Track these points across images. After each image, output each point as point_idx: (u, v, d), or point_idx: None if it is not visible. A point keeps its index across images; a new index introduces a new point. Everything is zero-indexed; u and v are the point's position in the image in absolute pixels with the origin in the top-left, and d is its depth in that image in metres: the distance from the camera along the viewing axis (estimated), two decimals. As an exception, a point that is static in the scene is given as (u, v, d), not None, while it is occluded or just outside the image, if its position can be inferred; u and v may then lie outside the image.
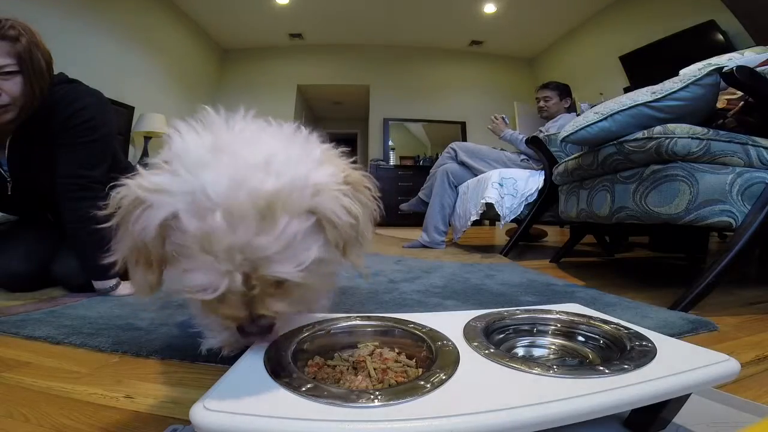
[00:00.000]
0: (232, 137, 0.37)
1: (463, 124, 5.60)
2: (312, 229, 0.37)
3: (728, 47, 2.87)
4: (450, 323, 0.47)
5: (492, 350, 0.40)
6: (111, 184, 0.39)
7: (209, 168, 0.34)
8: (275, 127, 0.42)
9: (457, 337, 0.43)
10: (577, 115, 1.62)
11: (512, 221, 1.98)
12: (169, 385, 0.52)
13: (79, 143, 1.01)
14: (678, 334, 0.72)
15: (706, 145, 0.88)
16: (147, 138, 3.78)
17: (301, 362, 0.41)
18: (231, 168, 0.34)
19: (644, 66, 3.79)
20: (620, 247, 2.28)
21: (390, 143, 5.61)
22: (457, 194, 2.29)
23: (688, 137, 0.88)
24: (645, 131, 0.96)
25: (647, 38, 3.72)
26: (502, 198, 1.90)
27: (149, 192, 0.35)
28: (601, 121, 1.06)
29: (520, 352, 0.49)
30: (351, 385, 0.38)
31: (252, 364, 0.37)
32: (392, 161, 5.59)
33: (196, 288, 0.34)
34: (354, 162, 0.47)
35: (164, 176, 0.35)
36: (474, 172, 2.24)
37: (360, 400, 0.30)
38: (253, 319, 0.39)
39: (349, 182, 0.42)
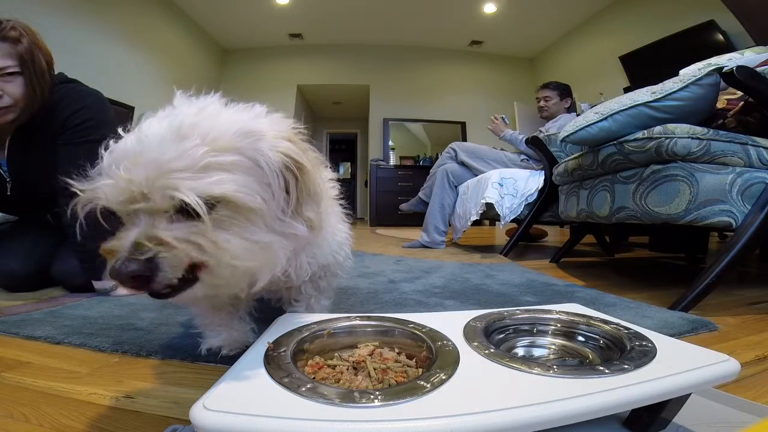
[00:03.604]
0: (186, 106, 0.40)
1: (463, 124, 5.60)
2: (234, 167, 0.36)
3: (728, 47, 2.87)
4: (450, 323, 0.47)
5: (492, 350, 0.40)
6: None
7: (153, 119, 0.38)
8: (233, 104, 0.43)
9: (457, 337, 0.43)
10: (577, 115, 1.62)
11: (512, 221, 1.98)
12: (169, 385, 0.52)
13: (78, 143, 1.01)
14: (678, 334, 0.72)
15: (706, 145, 0.88)
16: (147, 138, 3.78)
17: (301, 362, 0.41)
18: (168, 114, 0.38)
19: (644, 66, 3.79)
20: (620, 247, 2.28)
21: (390, 143, 5.62)
22: (457, 194, 2.29)
23: (688, 137, 0.88)
24: (645, 131, 0.95)
25: (647, 38, 3.72)
26: (502, 198, 1.90)
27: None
28: (601, 121, 1.06)
29: (520, 352, 0.49)
30: (351, 385, 0.38)
31: (252, 364, 0.37)
32: (392, 161, 5.59)
33: (91, 199, 0.36)
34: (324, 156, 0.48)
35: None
36: (474, 172, 2.24)
37: (360, 400, 0.30)
38: (132, 252, 0.33)
39: (290, 140, 0.42)
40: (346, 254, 0.63)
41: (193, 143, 0.34)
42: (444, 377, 0.34)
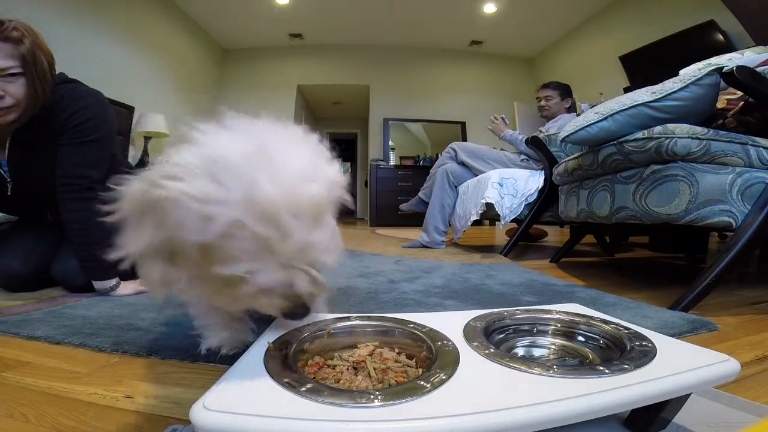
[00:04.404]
0: (262, 142, 0.38)
1: (463, 124, 5.60)
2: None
3: (728, 47, 2.87)
4: (450, 323, 0.47)
5: (492, 350, 0.40)
6: (115, 179, 0.38)
7: (257, 176, 0.35)
8: (287, 127, 0.44)
9: (457, 337, 0.43)
10: (577, 115, 1.62)
11: (512, 221, 1.98)
12: (169, 385, 0.52)
13: (78, 143, 1.01)
14: (678, 334, 0.72)
15: (706, 145, 0.88)
16: (147, 138, 3.78)
17: (301, 362, 0.41)
18: (278, 175, 0.36)
19: (644, 66, 3.79)
20: (620, 247, 2.28)
21: (390, 143, 5.61)
22: (457, 194, 2.29)
23: (688, 137, 0.88)
24: (645, 131, 0.96)
25: (647, 38, 3.72)
26: (502, 198, 1.90)
27: (198, 201, 0.34)
28: (601, 121, 1.06)
29: (520, 352, 0.49)
30: (351, 385, 0.38)
31: (252, 364, 0.37)
32: (392, 161, 5.59)
33: (267, 285, 0.39)
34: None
35: (207, 182, 0.35)
36: (474, 172, 2.24)
37: (360, 400, 0.30)
38: (296, 305, 0.43)
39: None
40: None
41: (330, 221, 0.41)
42: (444, 377, 0.34)
